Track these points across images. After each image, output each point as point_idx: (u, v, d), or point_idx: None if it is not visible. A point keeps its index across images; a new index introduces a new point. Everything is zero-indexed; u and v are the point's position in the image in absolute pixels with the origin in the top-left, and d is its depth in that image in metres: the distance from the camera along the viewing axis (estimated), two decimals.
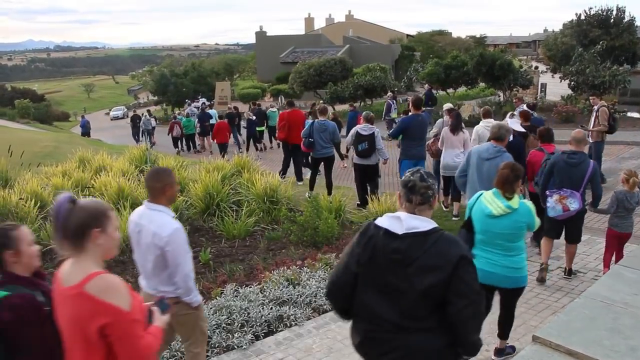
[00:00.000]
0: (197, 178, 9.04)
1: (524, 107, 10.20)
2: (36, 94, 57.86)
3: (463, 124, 8.70)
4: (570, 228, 5.91)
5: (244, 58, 74.50)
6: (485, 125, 7.96)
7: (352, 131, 8.86)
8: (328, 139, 9.51)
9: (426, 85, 24.03)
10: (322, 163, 9.83)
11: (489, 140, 6.01)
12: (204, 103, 46.36)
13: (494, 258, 4.03)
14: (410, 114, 8.82)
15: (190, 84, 43.87)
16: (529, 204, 4.14)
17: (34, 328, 2.42)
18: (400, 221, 2.52)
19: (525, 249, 4.20)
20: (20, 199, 7.92)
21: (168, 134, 21.38)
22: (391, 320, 2.52)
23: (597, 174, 5.74)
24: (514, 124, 8.07)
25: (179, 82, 43.50)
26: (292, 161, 11.44)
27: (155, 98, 50.58)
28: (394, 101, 20.59)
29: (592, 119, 10.49)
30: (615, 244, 5.92)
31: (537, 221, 4.16)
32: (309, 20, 73.59)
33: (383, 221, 2.59)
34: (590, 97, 12.23)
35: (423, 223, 2.51)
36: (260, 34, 55.96)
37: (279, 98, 35.02)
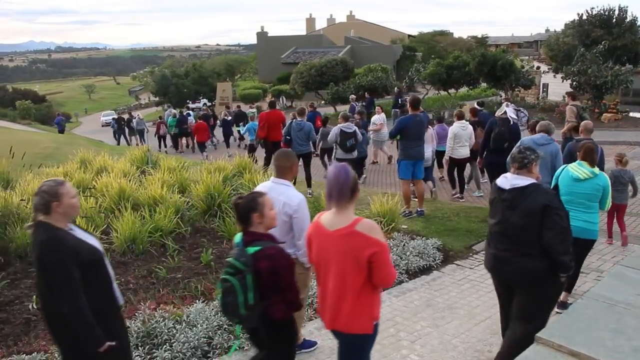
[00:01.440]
0: (198, 179, 9.03)
1: (508, 105, 10.68)
2: (37, 95, 58.07)
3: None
4: None
5: (245, 59, 74.70)
6: (460, 126, 9.75)
7: (336, 130, 9.69)
8: (304, 138, 10.35)
9: (396, 88, 24.72)
10: (300, 159, 10.11)
11: (539, 132, 6.95)
12: (205, 104, 46.59)
13: (576, 214, 4.97)
14: (408, 114, 8.78)
15: (191, 85, 43.95)
16: (605, 174, 5.25)
17: (287, 271, 3.17)
18: (507, 180, 3.81)
19: (597, 210, 5.16)
20: (22, 200, 7.91)
21: (155, 135, 22.40)
22: (506, 247, 3.81)
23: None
24: (511, 111, 9.05)
25: (180, 83, 43.58)
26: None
27: (157, 99, 50.68)
28: (401, 98, 21.28)
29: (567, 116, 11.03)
30: (614, 213, 7.18)
31: (609, 199, 5.16)
32: (310, 21, 73.66)
33: (497, 181, 3.92)
34: (566, 94, 12.97)
35: (522, 181, 3.73)
36: (262, 35, 56.03)
37: (280, 98, 35.03)
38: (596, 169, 5.11)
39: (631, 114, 20.25)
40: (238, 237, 3.30)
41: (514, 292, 3.93)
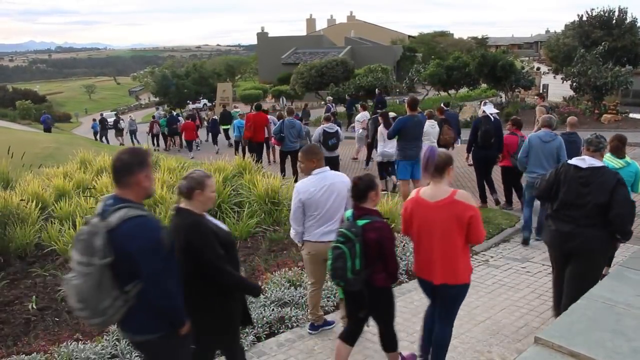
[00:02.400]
0: None
1: (485, 103, 11.64)
2: (37, 95, 58.03)
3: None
4: None
5: (246, 59, 74.70)
6: (431, 125, 10.41)
7: (319, 130, 10.36)
8: (295, 135, 11.27)
9: (377, 90, 25.06)
10: (289, 155, 11.37)
11: (542, 127, 7.38)
12: (205, 104, 46.56)
13: None
14: (407, 114, 8.92)
15: (191, 85, 43.92)
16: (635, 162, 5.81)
17: (390, 243, 3.76)
18: (584, 161, 4.48)
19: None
20: (22, 200, 7.90)
21: (148, 133, 23.83)
22: (575, 220, 4.44)
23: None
24: (489, 108, 9.54)
25: (181, 83, 43.55)
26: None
27: (157, 99, 50.64)
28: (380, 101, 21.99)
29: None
30: None
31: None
32: (311, 22, 73.70)
33: (572, 161, 4.58)
34: (536, 95, 14.28)
35: (597, 162, 4.47)
36: (262, 35, 56.04)
37: (281, 99, 35.03)
38: (628, 158, 5.75)
39: (631, 115, 20.24)
40: (349, 212, 3.84)
41: (571, 261, 4.50)
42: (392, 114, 10.91)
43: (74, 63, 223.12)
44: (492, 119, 9.13)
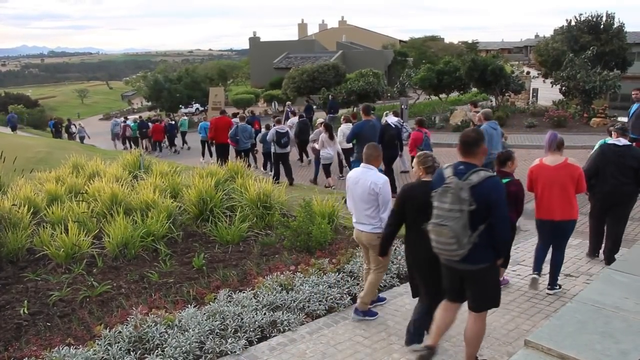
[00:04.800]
0: (190, 184, 9.03)
1: (388, 114, 12.80)
2: (30, 100, 57.56)
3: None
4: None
5: (238, 64, 74.47)
6: (346, 126, 12.57)
7: (272, 131, 12.57)
8: (247, 137, 13.89)
9: (330, 96, 27.05)
10: (242, 153, 13.70)
11: (486, 120, 9.57)
12: (197, 109, 46.44)
13: None
14: (362, 119, 10.36)
15: (184, 90, 43.78)
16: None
17: (522, 193, 5.31)
18: (620, 141, 6.28)
19: None
20: (14, 204, 7.87)
21: (120, 137, 26.75)
22: (619, 180, 6.17)
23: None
24: (391, 118, 11.79)
25: (173, 88, 43.40)
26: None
27: (149, 103, 50.46)
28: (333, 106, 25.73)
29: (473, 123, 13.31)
30: None
31: None
32: (303, 26, 73.72)
33: (611, 140, 6.37)
34: (469, 104, 15.75)
35: (626, 142, 6.30)
36: (254, 40, 55.99)
37: (273, 104, 35.03)
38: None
39: (619, 119, 20.39)
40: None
41: (611, 211, 6.38)
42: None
43: (66, 67, 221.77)
44: (393, 126, 11.41)
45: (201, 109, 44.93)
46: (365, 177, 5.09)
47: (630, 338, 3.21)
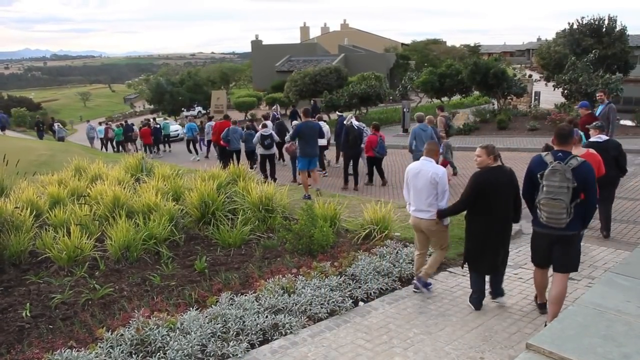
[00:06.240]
0: (192, 187, 9.04)
1: (352, 117, 14.21)
2: (32, 103, 57.80)
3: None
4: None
5: (240, 67, 74.63)
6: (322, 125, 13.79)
7: (258, 134, 13.22)
8: (238, 139, 14.78)
9: (312, 101, 28.18)
10: (234, 154, 14.86)
11: (419, 122, 11.89)
12: (199, 112, 46.55)
13: None
14: (302, 120, 11.47)
15: (186, 93, 43.89)
16: None
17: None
18: (601, 137, 7.32)
19: None
20: (16, 207, 7.90)
21: (104, 138, 27.72)
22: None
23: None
24: (354, 121, 13.31)
25: (175, 91, 43.50)
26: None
27: (152, 107, 50.56)
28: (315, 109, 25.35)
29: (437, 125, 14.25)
30: None
31: None
32: (305, 30, 73.87)
33: (593, 139, 7.32)
34: (436, 108, 16.75)
35: (606, 137, 7.44)
36: (256, 43, 56.10)
37: (275, 107, 35.04)
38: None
39: (622, 122, 20.37)
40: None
41: (600, 194, 5.83)
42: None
43: (69, 70, 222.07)
44: (356, 128, 12.90)
45: (203, 112, 45.00)
46: (427, 168, 5.69)
47: (632, 342, 3.20)
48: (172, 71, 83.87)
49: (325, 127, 14.48)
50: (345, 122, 13.84)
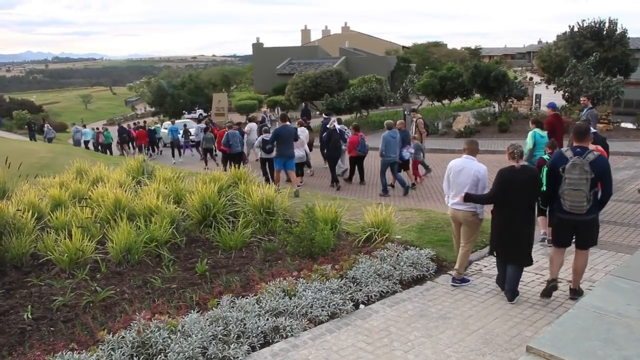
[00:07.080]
0: (193, 189, 9.06)
1: (335, 121, 15.07)
2: (34, 105, 57.89)
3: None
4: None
5: (241, 69, 74.76)
6: (300, 130, 14.39)
7: (259, 138, 13.52)
8: (238, 142, 15.41)
9: (303, 104, 28.84)
10: (235, 157, 15.14)
11: (388, 129, 12.53)
12: (201, 114, 46.60)
13: None
14: (280, 124, 12.29)
15: (187, 95, 43.93)
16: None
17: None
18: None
19: None
20: (18, 210, 7.91)
21: (95, 142, 27.65)
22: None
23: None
24: (337, 124, 14.51)
25: (177, 94, 43.55)
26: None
27: (153, 109, 50.62)
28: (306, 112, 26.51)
29: (412, 127, 15.26)
30: None
31: None
32: (306, 32, 73.94)
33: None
34: (412, 112, 17.38)
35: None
36: (257, 46, 56.19)
37: (276, 109, 35.08)
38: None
39: (622, 125, 20.39)
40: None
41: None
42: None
43: (70, 73, 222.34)
44: (338, 131, 14.12)
45: (204, 114, 45.07)
46: (470, 165, 6.19)
47: (633, 344, 3.20)
48: (174, 74, 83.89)
49: (305, 132, 15.31)
50: (328, 126, 15.07)
